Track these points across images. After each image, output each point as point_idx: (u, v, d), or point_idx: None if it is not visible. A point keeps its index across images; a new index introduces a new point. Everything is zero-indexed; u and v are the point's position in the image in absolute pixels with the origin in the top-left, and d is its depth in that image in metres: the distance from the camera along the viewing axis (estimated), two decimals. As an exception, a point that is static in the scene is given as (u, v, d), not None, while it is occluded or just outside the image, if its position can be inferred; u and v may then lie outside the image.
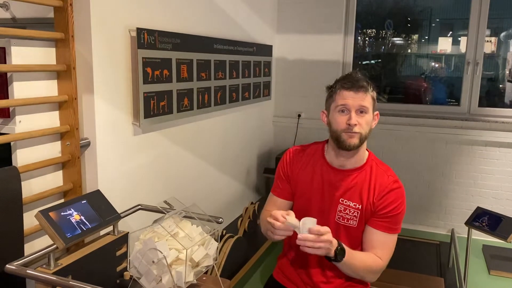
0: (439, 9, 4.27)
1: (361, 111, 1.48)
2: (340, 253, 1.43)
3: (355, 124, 1.46)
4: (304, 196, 1.65)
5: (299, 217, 1.57)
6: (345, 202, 1.58)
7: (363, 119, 1.48)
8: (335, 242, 1.42)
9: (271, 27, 3.84)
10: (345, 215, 1.58)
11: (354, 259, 1.48)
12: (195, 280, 1.50)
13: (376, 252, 1.55)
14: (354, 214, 1.58)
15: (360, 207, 1.57)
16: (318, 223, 1.57)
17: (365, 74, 1.56)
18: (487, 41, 3.70)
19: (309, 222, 1.38)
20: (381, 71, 4.36)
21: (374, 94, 1.52)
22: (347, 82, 1.48)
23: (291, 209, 1.70)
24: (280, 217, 1.39)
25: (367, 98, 1.48)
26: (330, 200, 1.60)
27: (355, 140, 1.49)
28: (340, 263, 1.45)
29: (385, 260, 1.56)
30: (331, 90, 1.54)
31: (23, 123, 1.67)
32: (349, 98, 1.46)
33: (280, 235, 1.41)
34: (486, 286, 2.89)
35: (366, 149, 1.63)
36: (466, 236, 2.80)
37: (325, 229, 1.38)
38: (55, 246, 1.41)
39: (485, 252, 3.31)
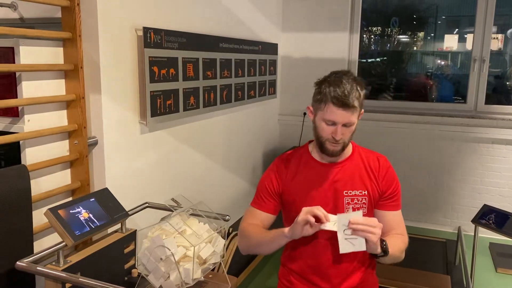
0: (445, 6, 4.25)
1: (348, 125, 1.49)
2: (386, 246, 1.44)
3: (340, 138, 1.49)
4: (304, 204, 1.55)
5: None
6: (350, 192, 1.59)
7: (347, 130, 1.50)
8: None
9: (277, 25, 3.84)
10: (354, 206, 1.58)
11: (393, 247, 1.48)
12: (202, 277, 1.51)
13: (396, 232, 1.59)
14: (363, 201, 1.59)
15: (366, 193, 1.58)
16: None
17: (369, 72, 1.52)
18: (494, 38, 3.68)
19: (346, 217, 1.37)
20: (387, 69, 4.34)
21: (362, 100, 1.49)
22: (338, 99, 1.43)
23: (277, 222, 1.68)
24: (323, 218, 1.38)
25: (355, 113, 1.47)
26: (334, 196, 1.59)
27: (338, 148, 1.53)
28: (386, 256, 1.45)
29: (406, 234, 1.62)
30: (320, 96, 1.49)
31: (32, 122, 1.69)
32: (338, 115, 1.46)
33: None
34: (493, 284, 2.88)
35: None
36: (473, 234, 2.79)
37: (373, 220, 1.39)
38: (64, 243, 1.43)
39: (492, 250, 3.30)
